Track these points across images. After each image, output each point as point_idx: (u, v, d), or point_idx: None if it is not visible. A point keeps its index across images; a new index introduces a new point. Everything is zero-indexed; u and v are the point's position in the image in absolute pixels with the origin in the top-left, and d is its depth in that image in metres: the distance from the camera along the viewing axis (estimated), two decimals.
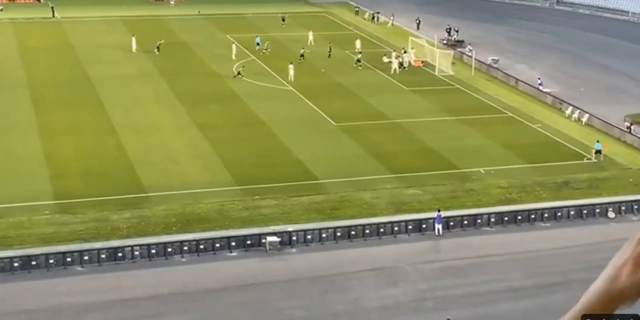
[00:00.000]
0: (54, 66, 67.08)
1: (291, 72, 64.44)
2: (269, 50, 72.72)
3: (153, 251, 36.36)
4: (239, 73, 64.34)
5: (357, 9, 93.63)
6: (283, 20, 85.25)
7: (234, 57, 69.99)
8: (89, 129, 52.22)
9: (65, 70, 66.00)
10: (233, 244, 37.45)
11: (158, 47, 71.32)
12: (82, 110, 55.96)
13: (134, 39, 72.30)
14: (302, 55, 70.39)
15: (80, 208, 40.77)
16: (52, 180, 43.94)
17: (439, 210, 40.19)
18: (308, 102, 59.17)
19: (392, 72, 67.33)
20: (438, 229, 39.66)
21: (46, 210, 40.50)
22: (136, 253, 36.17)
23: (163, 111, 56.51)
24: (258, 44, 73.36)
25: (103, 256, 35.82)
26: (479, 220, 40.74)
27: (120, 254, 36.06)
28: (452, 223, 40.35)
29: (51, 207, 40.88)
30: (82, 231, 38.35)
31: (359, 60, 69.57)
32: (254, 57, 71.14)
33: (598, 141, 49.81)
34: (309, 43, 74.87)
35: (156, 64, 68.25)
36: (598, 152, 48.71)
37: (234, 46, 71.65)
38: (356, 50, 71.92)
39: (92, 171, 45.52)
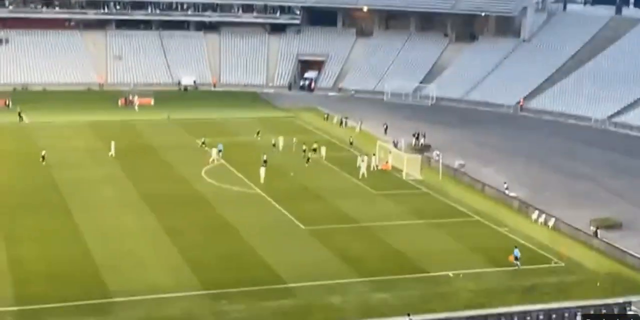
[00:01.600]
0: (19, 170, 66.81)
1: (262, 174, 65.03)
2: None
3: None
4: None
5: (326, 114, 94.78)
6: (258, 134, 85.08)
7: (214, 160, 70.56)
8: (54, 234, 51.61)
9: (33, 174, 65.74)
10: None
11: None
12: (47, 215, 55.42)
13: (113, 143, 72.73)
14: (273, 145, 76.20)
15: (46, 314, 39.83)
16: (14, 286, 43.06)
17: (408, 315, 39.73)
18: (276, 205, 59.21)
19: (360, 176, 67.91)
20: None
21: (9, 317, 39.50)
22: None
23: (130, 215, 56.14)
24: (220, 151, 72.63)
25: None
26: None
27: None
28: None
29: (14, 314, 39.89)
30: None
31: (308, 159, 72.30)
32: (222, 161, 71.50)
33: (516, 247, 49.30)
34: (280, 148, 75.49)
35: (124, 168, 68.26)
36: (517, 258, 48.11)
37: (214, 150, 71.96)
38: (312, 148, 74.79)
39: (56, 276, 44.73)
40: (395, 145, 77.16)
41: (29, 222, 53.78)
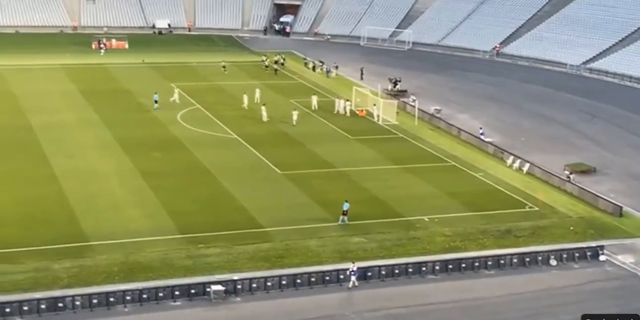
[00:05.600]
0: None
1: (264, 113, 66.82)
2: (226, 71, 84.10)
3: (95, 301, 35.55)
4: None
5: (305, 60, 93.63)
6: (224, 68, 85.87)
7: (246, 105, 71.18)
8: (29, 177, 51.37)
9: (6, 118, 65.17)
10: (177, 293, 36.86)
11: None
12: (22, 158, 55.15)
13: (176, 90, 72.68)
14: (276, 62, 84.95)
15: (20, 257, 39.83)
16: None
17: (353, 263, 39.66)
18: (253, 150, 59.18)
19: (344, 113, 70.17)
20: (353, 282, 39.07)
21: None
22: (77, 303, 35.34)
23: (106, 159, 55.93)
24: (156, 102, 69.82)
25: (43, 306, 34.93)
26: (424, 268, 40.79)
27: (60, 304, 35.20)
28: (397, 271, 40.33)
29: None
30: (22, 281, 37.44)
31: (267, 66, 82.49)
32: (198, 106, 71.13)
33: (346, 201, 46.58)
34: (256, 98, 74.43)
35: (99, 112, 67.76)
36: (344, 213, 46.15)
37: (245, 96, 71.82)
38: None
39: (32, 219, 44.66)
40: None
41: (3, 165, 53.47)
